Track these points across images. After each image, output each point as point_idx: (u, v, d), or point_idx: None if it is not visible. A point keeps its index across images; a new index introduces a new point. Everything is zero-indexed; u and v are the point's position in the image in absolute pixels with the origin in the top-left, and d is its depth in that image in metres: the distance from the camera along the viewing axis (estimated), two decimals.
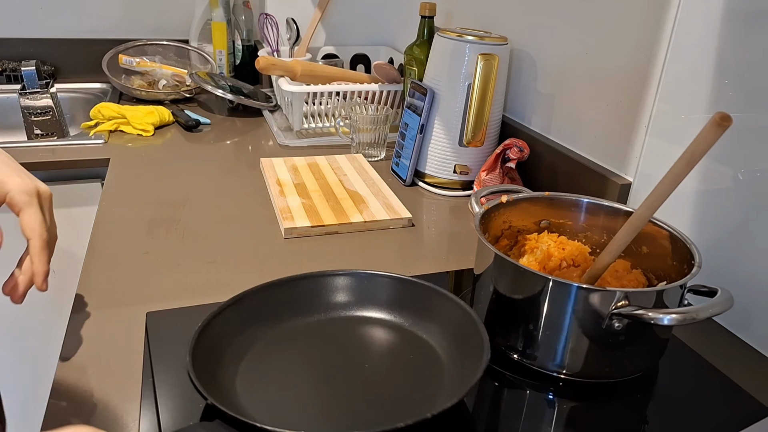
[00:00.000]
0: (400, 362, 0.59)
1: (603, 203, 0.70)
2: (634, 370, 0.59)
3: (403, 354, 0.60)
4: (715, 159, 0.68)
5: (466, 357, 0.56)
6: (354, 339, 0.62)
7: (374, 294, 0.66)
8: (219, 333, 0.56)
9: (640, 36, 0.78)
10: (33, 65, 1.41)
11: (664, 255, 0.63)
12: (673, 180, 0.51)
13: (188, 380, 0.48)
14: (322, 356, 0.59)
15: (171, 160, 1.12)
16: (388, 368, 0.58)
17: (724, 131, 0.47)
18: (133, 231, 0.84)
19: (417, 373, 0.57)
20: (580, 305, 0.54)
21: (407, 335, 0.63)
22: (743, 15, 0.64)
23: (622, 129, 0.83)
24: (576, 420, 0.56)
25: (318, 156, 1.12)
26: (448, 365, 0.58)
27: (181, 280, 0.74)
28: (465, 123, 0.98)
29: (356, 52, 1.60)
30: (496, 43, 0.96)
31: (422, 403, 0.54)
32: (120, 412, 0.53)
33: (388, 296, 0.65)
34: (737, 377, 0.60)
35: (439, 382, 0.56)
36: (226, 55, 1.62)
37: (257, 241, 0.84)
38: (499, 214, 0.70)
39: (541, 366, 0.59)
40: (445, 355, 0.59)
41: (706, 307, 0.51)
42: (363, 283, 0.66)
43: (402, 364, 0.59)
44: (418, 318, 0.63)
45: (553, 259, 0.67)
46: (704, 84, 0.69)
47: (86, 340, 0.62)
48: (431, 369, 0.58)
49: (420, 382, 0.56)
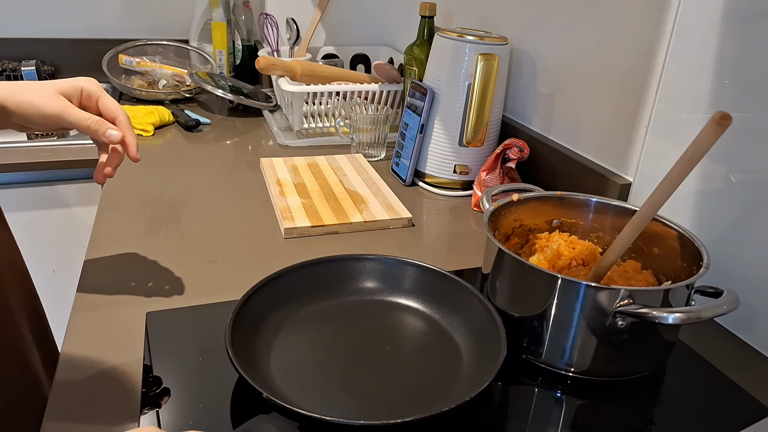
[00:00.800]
0: (420, 349, 0.61)
1: (614, 203, 0.70)
2: (641, 369, 0.59)
3: (424, 342, 0.62)
4: (715, 158, 0.68)
5: (483, 354, 0.57)
6: (379, 323, 0.64)
7: (403, 281, 0.68)
8: (251, 317, 0.59)
9: (640, 36, 0.78)
10: (33, 65, 1.41)
11: (674, 256, 0.63)
12: (675, 179, 0.51)
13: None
14: (346, 338, 0.62)
15: (171, 160, 1.12)
16: (409, 354, 0.60)
17: (724, 130, 0.47)
18: (133, 231, 0.84)
19: (435, 363, 0.59)
20: (586, 303, 0.54)
21: (431, 324, 0.64)
22: (743, 15, 0.64)
23: (622, 129, 0.83)
24: (584, 417, 0.56)
25: (318, 156, 1.12)
26: (467, 359, 0.59)
27: (181, 280, 0.74)
28: (465, 123, 0.98)
29: (356, 52, 1.60)
30: (496, 43, 0.96)
31: (435, 393, 0.55)
32: (120, 412, 0.53)
33: (415, 284, 0.67)
34: (737, 377, 0.60)
35: (456, 374, 0.57)
36: (226, 55, 1.62)
37: (257, 241, 0.84)
38: (510, 213, 0.70)
39: (548, 364, 0.59)
40: (465, 348, 0.60)
41: (711, 307, 0.51)
42: (391, 269, 0.68)
43: (421, 352, 0.60)
44: (444, 309, 0.65)
45: (562, 258, 0.67)
46: (704, 84, 0.69)
47: (86, 340, 0.62)
48: (450, 360, 0.59)
49: (436, 370, 0.58)
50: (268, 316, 0.61)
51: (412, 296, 0.67)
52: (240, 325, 0.56)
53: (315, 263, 0.67)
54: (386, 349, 0.60)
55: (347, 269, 0.68)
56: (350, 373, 0.57)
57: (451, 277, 0.65)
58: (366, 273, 0.68)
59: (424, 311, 0.66)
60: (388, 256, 0.68)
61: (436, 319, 0.65)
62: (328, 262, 0.67)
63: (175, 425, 0.51)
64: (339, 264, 0.68)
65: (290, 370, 0.56)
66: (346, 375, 0.56)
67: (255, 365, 0.54)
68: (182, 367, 0.58)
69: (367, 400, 0.54)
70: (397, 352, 0.60)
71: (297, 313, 0.63)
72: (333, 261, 0.68)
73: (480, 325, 0.60)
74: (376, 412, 0.52)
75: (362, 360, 0.59)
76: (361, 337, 0.62)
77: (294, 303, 0.64)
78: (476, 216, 0.97)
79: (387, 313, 0.65)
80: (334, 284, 0.67)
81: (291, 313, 0.63)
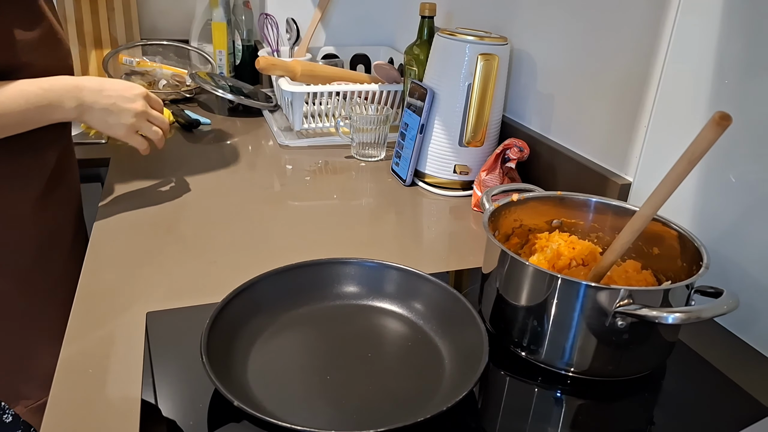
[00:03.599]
0: (402, 356, 0.60)
1: (614, 203, 0.70)
2: (641, 369, 0.60)
3: (407, 348, 0.61)
4: (715, 158, 0.68)
5: (466, 360, 0.56)
6: (359, 328, 0.63)
7: (382, 285, 0.67)
8: (229, 323, 0.58)
9: (640, 36, 0.78)
10: None
11: (674, 256, 0.63)
12: (675, 179, 0.51)
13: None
14: (327, 343, 0.61)
15: (171, 160, 1.12)
16: (391, 360, 0.59)
17: (724, 130, 0.47)
18: (133, 231, 0.84)
19: (417, 368, 0.58)
20: (586, 303, 0.54)
21: (414, 329, 0.63)
22: (743, 15, 0.64)
23: (622, 129, 0.82)
24: (584, 417, 0.56)
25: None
26: (450, 365, 0.58)
27: (181, 280, 0.74)
28: (465, 123, 0.98)
29: (356, 52, 1.60)
30: (496, 43, 0.96)
31: (418, 399, 0.54)
32: (120, 412, 0.53)
33: (398, 288, 0.66)
34: (737, 377, 0.60)
35: (439, 381, 0.56)
36: (226, 55, 1.62)
37: (257, 241, 0.84)
38: (510, 213, 0.70)
39: (548, 364, 0.59)
40: (447, 354, 0.60)
41: (711, 307, 0.51)
42: (372, 272, 0.67)
43: (404, 358, 0.60)
44: (427, 313, 0.64)
45: (562, 258, 0.67)
46: (704, 84, 0.69)
47: (86, 340, 0.62)
48: (432, 366, 0.58)
49: (418, 377, 0.57)
50: (247, 323, 0.60)
51: (395, 300, 0.66)
52: (217, 331, 0.55)
53: (295, 268, 0.65)
54: (368, 356, 0.59)
55: (328, 273, 0.67)
56: (330, 380, 0.56)
57: (434, 280, 0.64)
58: (347, 277, 0.67)
59: (407, 316, 0.65)
60: (370, 259, 0.68)
61: (419, 324, 0.64)
62: (308, 266, 0.66)
63: (176, 425, 0.51)
64: (319, 268, 0.67)
65: (268, 378, 0.55)
66: (326, 382, 0.55)
67: (231, 372, 0.53)
68: (182, 367, 0.58)
69: (346, 407, 0.53)
70: (379, 358, 0.59)
71: (277, 319, 0.62)
72: (313, 265, 0.66)
73: (463, 330, 0.59)
74: (354, 420, 0.51)
75: (343, 366, 0.58)
76: (343, 343, 0.61)
77: (274, 309, 0.63)
78: (476, 216, 0.97)
79: (369, 318, 0.64)
80: (315, 289, 0.66)
81: (271, 319, 0.62)
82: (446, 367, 0.58)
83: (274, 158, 1.17)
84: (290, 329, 0.62)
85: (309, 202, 0.98)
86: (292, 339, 0.61)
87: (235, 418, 0.50)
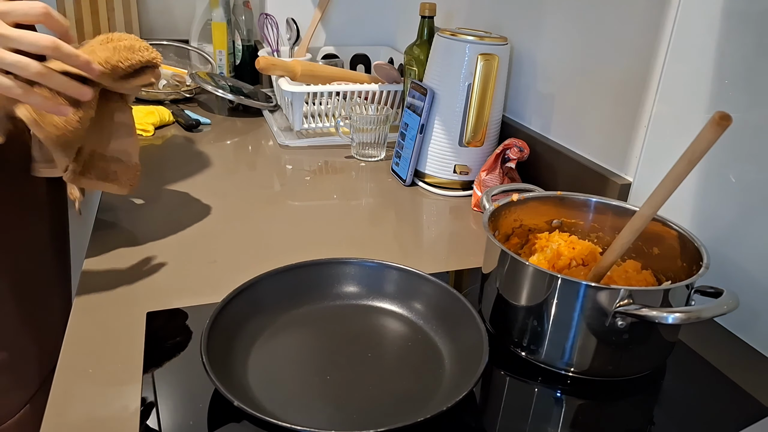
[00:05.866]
0: (402, 356, 0.60)
1: (613, 203, 0.70)
2: (641, 369, 0.60)
3: (407, 348, 0.61)
4: (715, 159, 0.68)
5: (466, 360, 0.56)
6: (359, 328, 0.63)
7: (382, 285, 0.66)
8: (229, 323, 0.58)
9: (640, 36, 0.78)
10: None
11: (674, 256, 0.63)
12: (675, 179, 0.51)
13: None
14: (327, 343, 0.61)
15: (171, 160, 1.12)
16: (391, 360, 0.59)
17: (723, 131, 0.47)
18: (133, 231, 0.84)
19: (417, 368, 0.58)
20: (586, 303, 0.55)
21: (414, 329, 0.63)
22: (743, 15, 0.64)
23: (622, 129, 0.82)
24: (584, 417, 0.56)
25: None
26: (450, 365, 0.58)
27: (181, 280, 0.74)
28: (465, 123, 0.98)
29: (356, 52, 1.60)
30: (496, 43, 0.96)
31: (418, 399, 0.54)
32: (120, 412, 0.53)
33: (398, 288, 0.66)
34: (737, 377, 0.60)
35: (438, 380, 0.56)
36: (226, 55, 1.62)
37: (257, 241, 0.84)
38: (510, 213, 0.70)
39: (548, 364, 0.59)
40: (448, 354, 0.60)
41: (711, 307, 0.51)
42: (372, 272, 0.67)
43: (404, 358, 0.59)
44: (427, 313, 0.64)
45: (562, 258, 0.67)
46: (704, 84, 0.69)
47: (86, 340, 0.62)
48: (432, 367, 0.58)
49: (418, 377, 0.57)
50: (247, 323, 0.60)
51: (395, 300, 0.66)
52: (217, 331, 0.55)
53: (295, 268, 0.65)
54: (368, 356, 0.59)
55: (328, 273, 0.67)
56: (330, 380, 0.56)
57: (434, 280, 0.64)
58: (347, 277, 0.67)
59: (407, 316, 0.65)
60: (370, 259, 0.68)
61: (419, 324, 0.64)
62: (308, 266, 0.66)
63: (175, 425, 0.51)
64: (319, 268, 0.67)
65: (269, 377, 0.55)
66: (326, 382, 0.55)
67: (231, 372, 0.54)
68: (182, 367, 0.58)
69: (346, 407, 0.53)
70: (379, 359, 0.59)
71: (277, 319, 0.62)
72: (313, 265, 0.66)
73: (463, 330, 0.59)
74: (354, 420, 0.51)
75: (343, 366, 0.58)
76: (343, 343, 0.61)
77: (274, 309, 0.63)
78: (476, 216, 0.97)
79: (369, 318, 0.64)
80: (315, 289, 0.66)
81: (271, 319, 0.62)
82: (446, 367, 0.58)
83: (274, 158, 1.17)
84: (290, 329, 0.62)
85: (309, 202, 0.98)
86: (292, 339, 0.61)
87: (235, 418, 0.50)
